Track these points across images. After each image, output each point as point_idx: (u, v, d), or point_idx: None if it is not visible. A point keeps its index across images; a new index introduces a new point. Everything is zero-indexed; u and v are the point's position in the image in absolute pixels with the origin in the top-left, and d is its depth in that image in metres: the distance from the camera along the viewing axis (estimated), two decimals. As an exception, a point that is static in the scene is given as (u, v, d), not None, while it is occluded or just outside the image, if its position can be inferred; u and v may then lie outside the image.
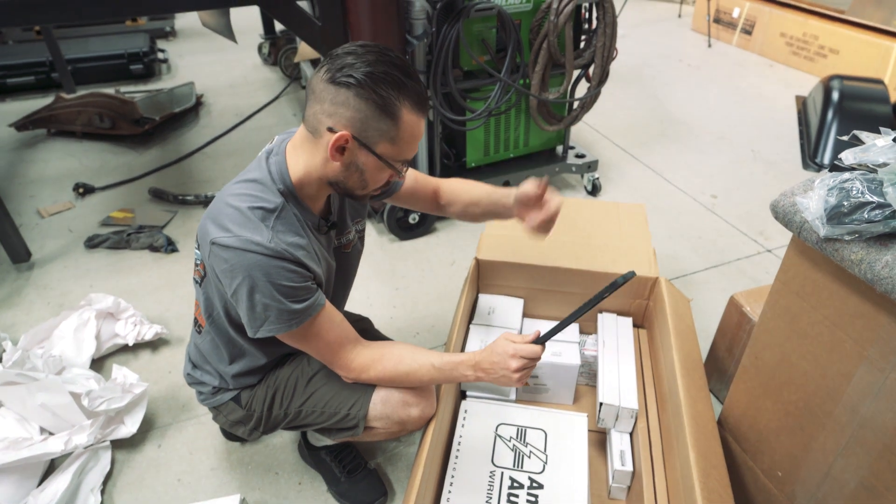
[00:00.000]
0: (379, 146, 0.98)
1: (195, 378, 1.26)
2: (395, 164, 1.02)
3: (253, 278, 0.97)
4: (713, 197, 2.53)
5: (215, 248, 0.98)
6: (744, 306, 1.48)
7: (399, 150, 1.00)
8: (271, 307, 0.99)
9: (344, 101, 0.94)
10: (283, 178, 1.03)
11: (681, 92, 3.53)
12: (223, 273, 1.00)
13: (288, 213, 1.03)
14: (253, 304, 0.99)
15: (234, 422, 1.25)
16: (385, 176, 1.04)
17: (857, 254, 0.83)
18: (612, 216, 1.74)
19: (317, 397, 1.20)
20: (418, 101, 0.98)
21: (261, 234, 0.97)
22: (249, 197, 1.00)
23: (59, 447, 1.36)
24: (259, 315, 1.00)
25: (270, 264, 0.97)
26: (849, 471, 0.99)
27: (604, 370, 1.41)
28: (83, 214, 2.37)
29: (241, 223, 0.97)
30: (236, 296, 1.00)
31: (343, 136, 0.95)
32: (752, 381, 1.18)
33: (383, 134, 0.97)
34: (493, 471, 1.25)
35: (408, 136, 0.99)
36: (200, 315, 1.19)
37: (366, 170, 1.01)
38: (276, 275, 0.97)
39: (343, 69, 0.93)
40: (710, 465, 1.10)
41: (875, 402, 0.92)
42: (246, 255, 0.96)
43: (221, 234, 0.97)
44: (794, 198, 0.92)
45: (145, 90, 3.34)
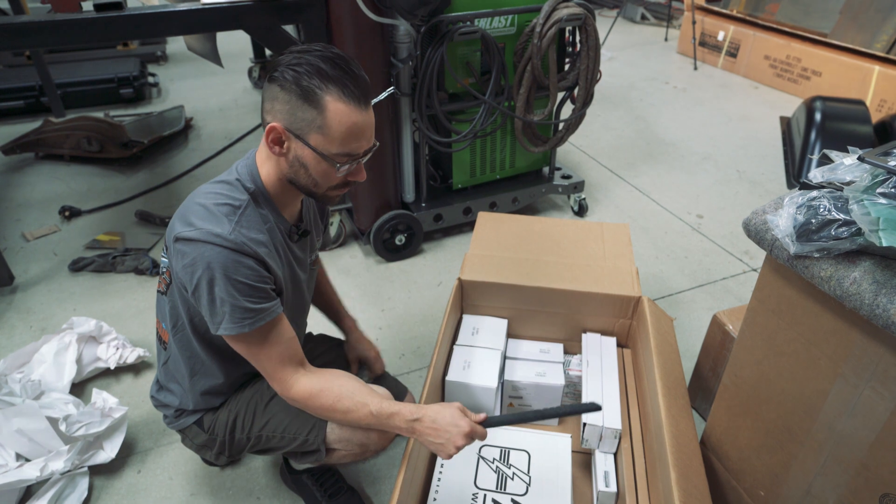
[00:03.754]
0: (311, 137, 0.99)
1: (159, 400, 1.25)
2: (330, 156, 1.00)
3: (212, 270, 0.97)
4: (699, 217, 2.55)
5: (178, 244, 0.99)
6: (726, 325, 1.48)
7: (331, 141, 0.99)
8: (226, 302, 0.98)
9: (275, 96, 0.98)
10: (254, 179, 1.05)
11: (667, 113, 3.57)
12: (184, 269, 0.99)
13: (253, 212, 1.04)
14: (213, 298, 0.99)
15: (200, 446, 1.24)
16: (330, 171, 1.02)
17: (827, 270, 0.83)
18: (596, 236, 1.75)
19: (275, 422, 1.19)
20: (347, 91, 0.96)
21: (222, 227, 0.98)
22: (216, 195, 1.02)
23: (35, 474, 1.34)
24: (217, 310, 0.99)
25: (229, 257, 0.97)
26: (827, 489, 0.98)
27: (588, 390, 1.41)
28: (69, 238, 2.37)
29: (204, 218, 0.98)
30: (197, 292, 0.99)
31: (273, 127, 0.98)
32: (733, 399, 1.18)
33: (310, 123, 0.97)
34: (475, 493, 1.24)
35: (339, 126, 0.98)
36: (164, 329, 1.18)
37: (307, 164, 1.01)
38: (233, 269, 0.97)
39: (274, 66, 0.98)
40: (692, 485, 1.09)
41: (850, 418, 0.92)
42: (205, 246, 0.96)
43: (186, 228, 0.98)
44: (766, 216, 0.93)
45: (135, 114, 3.35)
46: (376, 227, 2.16)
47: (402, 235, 2.21)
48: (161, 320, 1.19)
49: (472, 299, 1.60)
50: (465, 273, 1.57)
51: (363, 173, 1.07)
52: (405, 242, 2.23)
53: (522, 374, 1.48)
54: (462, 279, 1.56)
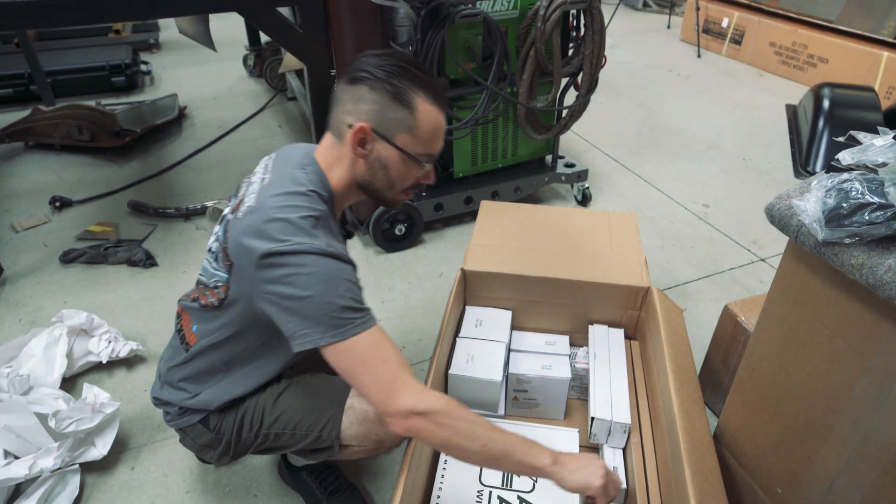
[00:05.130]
0: (398, 137, 1.00)
1: (162, 399, 1.19)
2: (417, 156, 1.02)
3: (319, 278, 0.91)
4: (705, 206, 2.50)
5: (271, 258, 0.91)
6: (738, 316, 1.43)
7: (419, 141, 1.01)
8: (337, 307, 0.91)
9: (361, 97, 0.99)
10: (325, 186, 1.03)
11: (671, 101, 3.51)
12: (278, 284, 0.91)
13: (330, 221, 1.01)
14: (317, 308, 0.90)
15: (202, 445, 1.18)
16: (411, 172, 1.05)
17: (858, 258, 0.78)
18: (603, 225, 1.70)
19: (286, 418, 1.13)
20: (433, 93, 1.01)
21: (318, 240, 0.93)
22: (295, 208, 0.96)
23: (24, 472, 1.29)
24: (324, 320, 0.90)
25: (336, 264, 0.93)
26: (852, 487, 0.94)
27: (595, 384, 1.36)
28: (59, 229, 2.31)
29: (293, 232, 0.93)
30: (293, 306, 0.91)
31: (362, 128, 0.98)
32: (749, 393, 1.13)
33: (400, 124, 0.99)
34: (480, 490, 1.20)
35: (426, 126, 1.01)
36: (192, 334, 1.12)
37: (389, 164, 1.02)
38: (341, 273, 0.93)
39: (358, 68, 1.00)
40: (707, 481, 1.05)
41: (878, 414, 0.87)
42: (308, 257, 0.91)
43: (275, 244, 0.91)
44: (791, 200, 0.87)
45: (127, 102, 3.28)
46: (375, 217, 2.10)
47: (401, 225, 2.16)
48: (195, 324, 1.12)
49: (475, 290, 1.55)
50: (469, 263, 1.52)
51: (433, 175, 1.10)
52: (405, 233, 2.18)
53: (528, 366, 1.43)
54: (465, 269, 1.51)
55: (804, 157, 2.75)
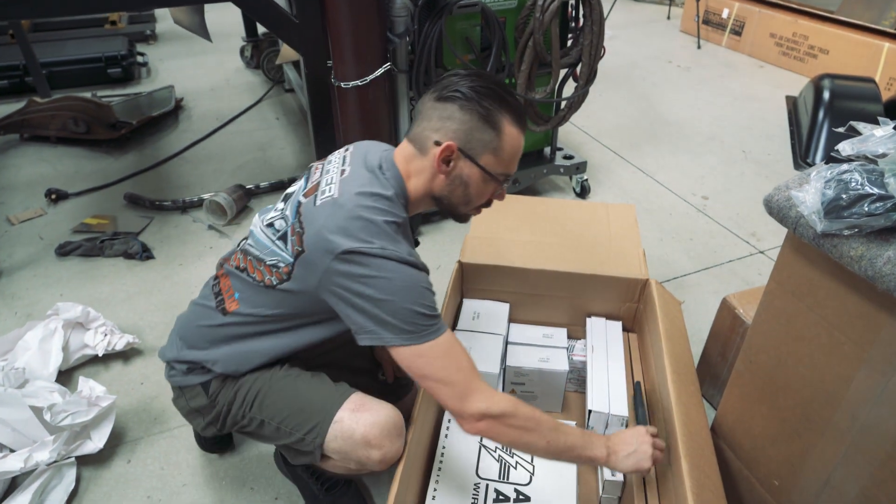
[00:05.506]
0: (483, 157, 1.04)
1: (176, 357, 1.17)
2: (497, 175, 1.05)
3: (401, 284, 0.94)
4: (704, 198, 2.49)
5: (352, 256, 0.93)
6: (737, 308, 1.42)
7: (501, 162, 1.05)
8: (416, 313, 0.95)
9: (450, 115, 1.02)
10: (404, 193, 1.06)
11: (670, 93, 3.49)
12: (356, 281, 0.94)
13: (407, 228, 1.05)
14: (396, 312, 0.94)
15: (194, 409, 1.18)
16: (488, 190, 1.08)
17: (857, 249, 0.77)
18: (601, 217, 1.69)
19: (276, 409, 1.11)
20: (518, 117, 1.05)
21: (400, 248, 0.97)
22: (382, 211, 0.98)
23: (19, 465, 1.29)
24: (401, 325, 0.94)
25: (416, 273, 0.97)
26: (849, 480, 0.94)
27: (592, 376, 1.36)
28: (55, 221, 2.29)
29: (377, 235, 0.96)
30: (370, 306, 0.94)
31: (449, 147, 1.01)
32: (747, 386, 1.13)
33: (486, 145, 1.03)
34: (477, 483, 1.19)
35: (509, 149, 1.05)
36: (234, 301, 1.11)
37: (470, 182, 1.05)
38: (420, 282, 0.97)
39: (448, 87, 1.03)
40: (704, 474, 1.04)
41: (876, 407, 0.86)
42: (391, 263, 0.94)
43: (359, 244, 0.94)
44: (790, 192, 0.86)
45: (123, 94, 3.26)
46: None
47: (399, 218, 2.14)
48: (237, 292, 1.11)
49: (472, 283, 1.55)
50: (466, 255, 1.52)
51: (505, 194, 1.14)
52: (403, 225, 2.17)
53: (525, 359, 1.43)
54: (462, 262, 1.50)
55: (804, 149, 2.74)
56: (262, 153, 2.80)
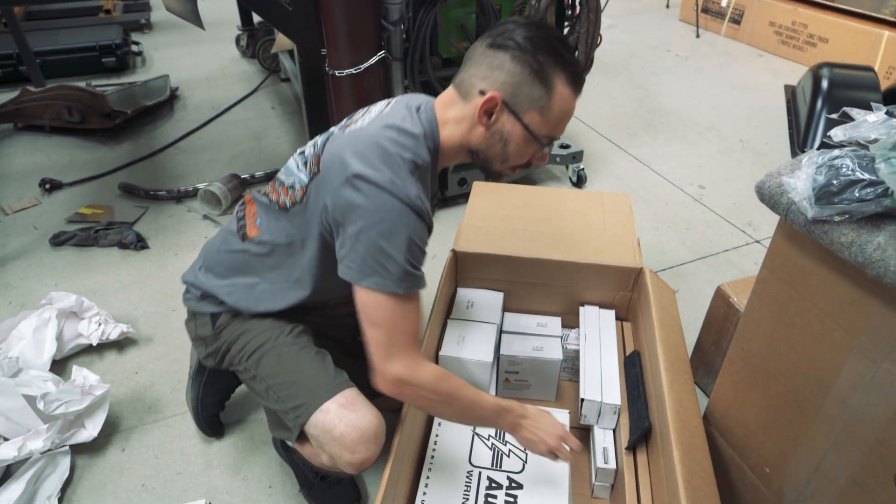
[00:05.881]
0: (527, 115, 0.96)
1: (193, 282, 1.17)
2: (540, 137, 0.98)
3: (392, 225, 0.90)
4: (701, 188, 2.49)
5: (358, 181, 0.90)
6: (731, 297, 1.42)
7: (547, 123, 0.97)
8: (394, 260, 0.91)
9: (500, 65, 0.95)
10: (434, 137, 1.00)
11: (668, 82, 3.48)
12: (354, 208, 0.90)
13: (427, 174, 0.98)
14: (375, 251, 0.90)
15: (199, 337, 1.19)
16: (528, 151, 1.01)
17: (848, 236, 0.77)
18: (596, 206, 1.68)
19: (272, 372, 1.09)
20: (574, 77, 0.96)
21: (410, 188, 0.91)
22: (403, 146, 0.94)
23: (12, 453, 1.29)
24: (373, 264, 0.91)
25: (414, 220, 0.91)
26: (839, 466, 0.94)
27: (586, 365, 1.36)
28: (49, 211, 2.29)
29: (392, 167, 0.91)
30: (356, 235, 0.91)
31: (494, 98, 0.95)
32: (739, 373, 1.13)
33: (534, 102, 0.95)
34: (470, 470, 1.20)
35: (558, 111, 0.97)
36: (255, 227, 1.10)
37: (510, 140, 0.98)
38: (415, 231, 0.92)
39: (503, 34, 0.95)
40: (695, 461, 1.05)
41: (866, 393, 0.86)
42: (393, 199, 0.89)
43: (370, 170, 0.90)
44: (781, 178, 0.86)
45: (118, 83, 3.24)
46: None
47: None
48: (259, 217, 1.10)
49: (466, 272, 1.54)
50: (460, 244, 1.51)
51: (547, 157, 1.06)
52: (398, 214, 2.16)
53: (519, 348, 1.43)
54: (456, 250, 1.50)
55: (802, 138, 2.72)
56: (258, 143, 2.79)
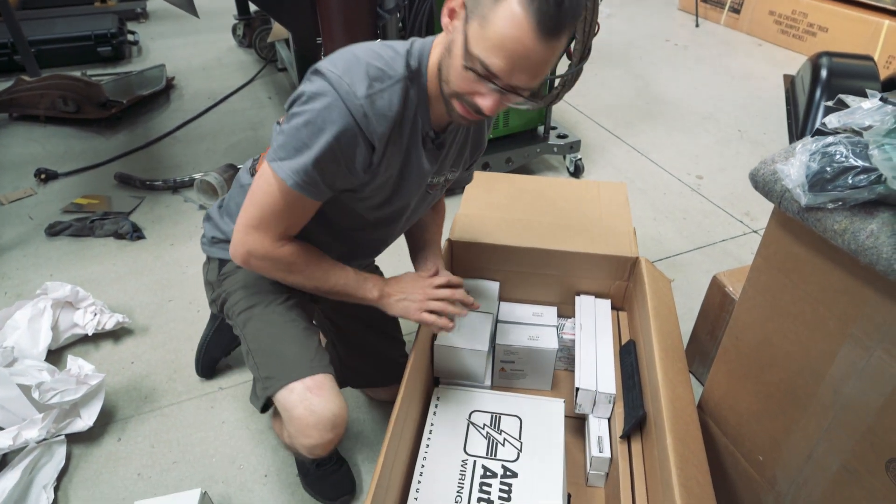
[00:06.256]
0: (472, 23, 0.80)
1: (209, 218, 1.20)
2: (468, 53, 0.81)
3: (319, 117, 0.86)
4: (699, 178, 2.48)
5: (312, 74, 0.88)
6: (727, 286, 1.42)
7: (483, 39, 0.79)
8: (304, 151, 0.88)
9: None
10: (421, 59, 0.92)
11: (667, 72, 3.46)
12: (300, 94, 0.88)
13: (399, 92, 0.90)
14: (293, 136, 0.88)
15: (208, 281, 1.21)
16: (465, 78, 0.84)
17: (841, 223, 0.77)
18: (593, 195, 1.68)
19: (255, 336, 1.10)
20: (539, 6, 0.75)
21: (360, 88, 0.85)
22: (378, 56, 0.89)
23: (7, 442, 1.29)
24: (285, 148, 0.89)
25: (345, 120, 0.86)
26: (831, 454, 0.94)
27: (581, 354, 1.36)
28: (45, 201, 2.28)
29: (350, 67, 0.86)
30: (287, 120, 0.90)
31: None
32: (733, 362, 1.13)
33: (481, 7, 0.79)
34: (465, 459, 1.20)
35: (499, 29, 0.77)
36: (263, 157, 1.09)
37: (452, 50, 0.85)
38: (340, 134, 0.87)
39: None
40: (689, 450, 1.05)
41: (858, 381, 0.86)
42: (335, 96, 0.85)
43: (327, 64, 0.88)
44: (775, 165, 0.85)
45: (114, 73, 3.22)
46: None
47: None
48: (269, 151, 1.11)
49: (462, 261, 1.54)
50: (455, 234, 1.51)
51: (490, 105, 0.85)
52: (395, 204, 2.16)
53: (515, 337, 1.43)
54: (452, 240, 1.49)
55: (801, 128, 2.71)
56: (254, 133, 2.78)
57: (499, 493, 1.13)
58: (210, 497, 1.29)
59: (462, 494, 1.12)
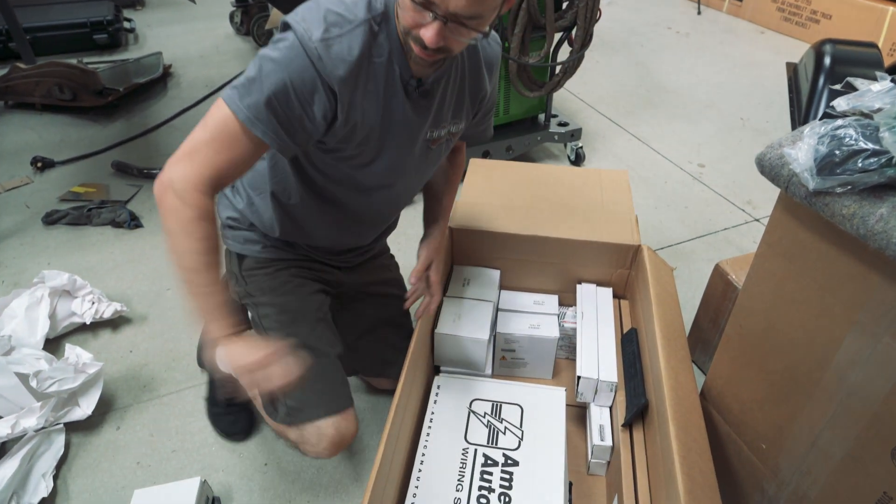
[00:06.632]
0: None
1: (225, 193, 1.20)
2: None
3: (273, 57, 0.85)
4: (700, 166, 2.46)
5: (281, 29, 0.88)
6: (729, 274, 1.41)
7: None
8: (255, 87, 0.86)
9: None
10: (388, 0, 0.90)
11: (669, 60, 3.43)
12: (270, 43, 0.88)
13: (363, 36, 0.88)
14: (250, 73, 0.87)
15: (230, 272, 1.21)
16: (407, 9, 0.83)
17: (850, 207, 0.75)
18: (594, 183, 1.66)
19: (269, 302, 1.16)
20: None
21: (316, 31, 0.85)
22: (339, 2, 0.88)
23: (6, 431, 1.29)
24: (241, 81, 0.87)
25: (300, 62, 0.85)
26: (835, 442, 0.93)
27: (582, 343, 1.35)
28: (42, 189, 2.26)
29: (309, 13, 0.86)
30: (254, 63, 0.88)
31: None
32: (736, 350, 1.12)
33: None
34: (466, 448, 1.19)
35: None
36: None
37: None
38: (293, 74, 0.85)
39: None
40: (691, 438, 1.04)
41: (864, 369, 0.85)
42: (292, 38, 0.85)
43: (291, 14, 0.87)
44: (782, 149, 0.84)
45: (110, 61, 3.19)
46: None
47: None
48: None
49: (462, 249, 1.53)
50: (456, 221, 1.49)
51: (431, 36, 0.82)
52: (394, 193, 2.14)
53: (515, 326, 1.42)
54: (453, 227, 1.48)
55: (803, 116, 2.69)
56: (253, 121, 2.75)
57: (500, 482, 1.12)
58: (210, 485, 1.29)
59: (463, 483, 1.12)
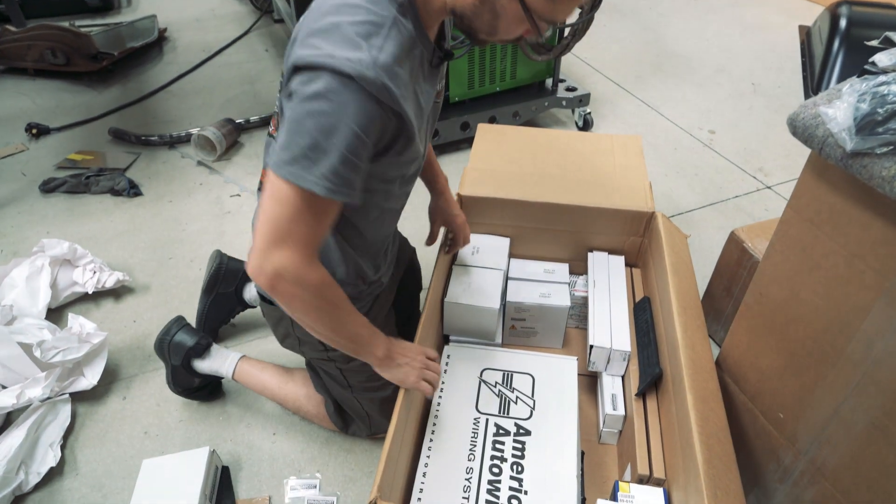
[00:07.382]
0: None
1: None
2: (539, 21, 0.81)
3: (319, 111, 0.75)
4: (711, 132, 2.41)
5: (299, 72, 0.77)
6: (745, 242, 1.38)
7: (552, 7, 0.79)
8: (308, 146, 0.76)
9: None
10: None
11: (678, 23, 3.34)
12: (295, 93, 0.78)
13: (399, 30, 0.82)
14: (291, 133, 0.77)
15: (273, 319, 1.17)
16: (520, 29, 0.84)
17: (890, 169, 0.72)
18: (606, 148, 1.61)
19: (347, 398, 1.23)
20: None
21: (355, 55, 0.75)
22: (352, 8, 0.79)
23: (11, 401, 1.27)
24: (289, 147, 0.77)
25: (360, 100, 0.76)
26: (859, 411, 0.91)
27: (594, 311, 1.32)
28: (38, 157, 2.21)
29: (331, 38, 0.76)
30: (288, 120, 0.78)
31: None
32: (755, 319, 1.09)
33: None
34: (477, 417, 1.18)
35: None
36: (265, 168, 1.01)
37: (502, 15, 0.82)
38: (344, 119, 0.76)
39: None
40: (709, 408, 1.02)
41: (894, 337, 0.83)
42: (330, 80, 0.75)
43: (308, 51, 0.76)
44: (818, 108, 0.80)
45: (103, 24, 3.10)
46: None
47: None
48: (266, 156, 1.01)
49: (471, 216, 1.49)
50: (465, 188, 1.45)
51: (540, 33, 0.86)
52: (399, 160, 2.09)
53: (526, 294, 1.39)
54: (461, 194, 1.44)
55: (816, 81, 2.62)
56: (252, 86, 2.68)
57: (512, 451, 1.11)
58: (219, 455, 1.28)
59: (475, 452, 1.11)
